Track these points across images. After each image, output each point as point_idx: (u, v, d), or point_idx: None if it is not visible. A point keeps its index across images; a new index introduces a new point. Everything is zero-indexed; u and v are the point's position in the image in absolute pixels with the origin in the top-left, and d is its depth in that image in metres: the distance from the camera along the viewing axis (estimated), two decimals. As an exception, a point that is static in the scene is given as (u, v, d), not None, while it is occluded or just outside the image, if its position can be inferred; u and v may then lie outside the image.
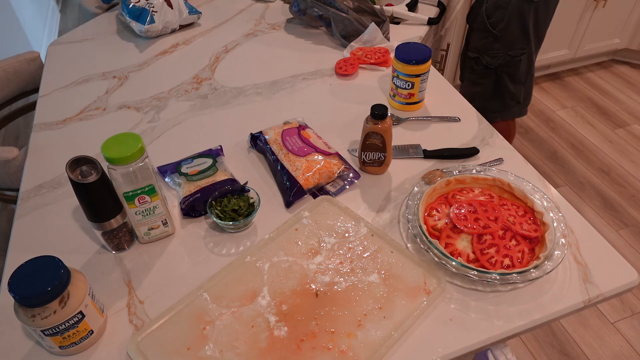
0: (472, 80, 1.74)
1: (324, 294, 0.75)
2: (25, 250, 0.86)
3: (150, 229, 0.83)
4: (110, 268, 0.82)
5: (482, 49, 1.63)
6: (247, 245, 0.85)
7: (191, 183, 0.92)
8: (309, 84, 1.24)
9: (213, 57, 1.36)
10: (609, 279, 0.77)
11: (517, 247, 0.79)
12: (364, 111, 0.95)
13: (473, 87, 1.74)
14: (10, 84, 1.49)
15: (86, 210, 0.78)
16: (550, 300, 0.75)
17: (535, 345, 1.64)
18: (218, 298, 0.75)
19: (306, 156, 0.94)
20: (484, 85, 1.70)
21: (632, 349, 1.62)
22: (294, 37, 1.44)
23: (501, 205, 0.86)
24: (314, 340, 0.70)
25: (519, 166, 0.98)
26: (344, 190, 0.94)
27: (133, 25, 1.43)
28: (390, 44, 1.34)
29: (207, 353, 0.68)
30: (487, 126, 1.08)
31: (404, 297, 0.74)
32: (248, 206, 0.87)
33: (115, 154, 0.72)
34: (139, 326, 0.74)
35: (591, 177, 2.22)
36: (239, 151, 1.04)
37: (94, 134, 1.11)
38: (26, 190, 0.97)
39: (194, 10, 1.50)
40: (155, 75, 1.30)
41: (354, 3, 1.38)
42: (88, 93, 1.25)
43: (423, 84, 1.09)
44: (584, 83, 2.83)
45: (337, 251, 0.82)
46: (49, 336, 0.66)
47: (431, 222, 0.84)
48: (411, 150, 1.02)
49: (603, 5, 2.48)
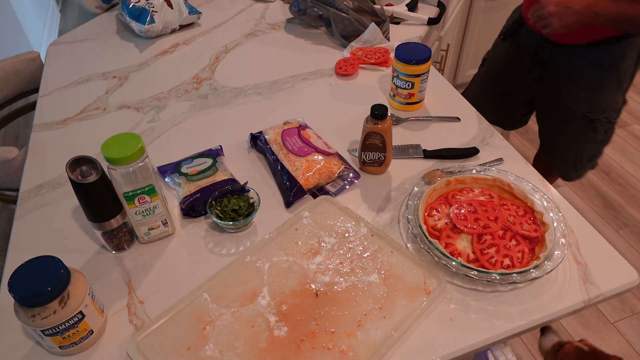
0: (593, 140, 1.40)
1: (324, 294, 0.75)
2: (25, 250, 0.86)
3: (150, 229, 0.83)
4: (110, 268, 0.82)
5: (609, 105, 1.31)
6: (247, 245, 0.85)
7: (191, 183, 0.92)
8: (309, 84, 1.24)
9: (213, 57, 1.36)
10: (609, 279, 0.77)
11: (517, 247, 0.79)
12: (364, 111, 0.95)
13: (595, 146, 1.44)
14: (10, 84, 1.49)
15: (86, 210, 0.78)
16: (550, 300, 0.75)
17: (535, 345, 1.64)
18: (218, 298, 0.75)
19: (306, 156, 0.94)
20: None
21: (632, 349, 1.62)
22: (294, 37, 1.44)
23: (501, 205, 0.86)
24: (314, 340, 0.70)
25: (519, 166, 0.98)
26: (344, 190, 0.94)
27: (133, 25, 1.43)
28: (390, 44, 1.34)
29: (207, 353, 0.68)
30: (487, 126, 1.08)
31: (404, 297, 0.74)
32: (248, 206, 0.87)
33: (115, 154, 0.72)
34: (139, 326, 0.74)
35: (591, 177, 2.22)
36: (239, 151, 1.04)
37: (94, 134, 1.11)
38: (26, 190, 0.97)
39: (194, 10, 1.50)
40: (155, 75, 1.30)
41: (354, 3, 1.38)
42: (88, 93, 1.25)
43: (423, 84, 1.10)
44: (584, 83, 2.82)
45: (337, 251, 0.82)
46: (49, 336, 0.66)
47: (431, 222, 0.84)
48: (411, 150, 1.02)
49: (603, 5, 2.48)
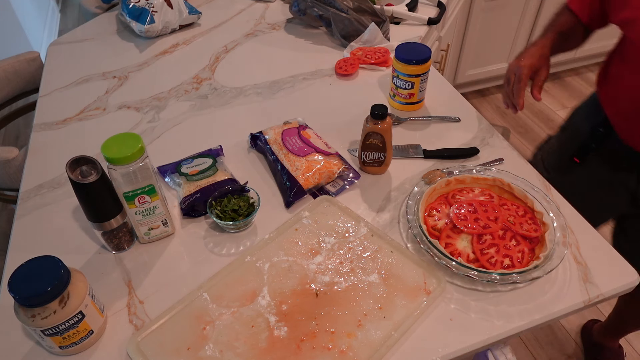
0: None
1: (324, 294, 0.75)
2: (25, 250, 0.86)
3: (150, 229, 0.83)
4: (110, 268, 0.82)
5: None
6: (247, 245, 0.85)
7: (191, 183, 0.92)
8: (309, 84, 1.24)
9: (213, 57, 1.36)
10: (609, 279, 0.77)
11: (517, 247, 0.79)
12: (364, 111, 0.95)
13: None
14: (10, 84, 1.49)
15: (86, 210, 0.78)
16: (550, 300, 0.75)
17: (535, 345, 1.64)
18: (218, 298, 0.75)
19: (306, 156, 0.94)
20: None
21: (632, 349, 1.62)
22: (294, 37, 1.44)
23: (501, 205, 0.86)
24: (314, 340, 0.70)
25: (519, 166, 0.98)
26: (344, 190, 0.94)
27: (133, 25, 1.43)
28: (390, 44, 1.34)
29: (207, 353, 0.68)
30: (487, 126, 1.08)
31: (404, 297, 0.74)
32: (248, 206, 0.87)
33: (115, 154, 0.72)
34: (139, 326, 0.74)
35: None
36: (239, 151, 1.04)
37: (94, 134, 1.11)
38: (26, 190, 0.97)
39: (194, 10, 1.50)
40: (155, 75, 1.30)
41: (354, 3, 1.38)
42: (88, 93, 1.25)
43: (423, 84, 1.10)
44: (584, 83, 2.83)
45: (337, 251, 0.82)
46: (49, 336, 0.66)
47: (431, 222, 0.84)
48: (411, 150, 1.02)
49: (603, 5, 2.48)
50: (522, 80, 0.94)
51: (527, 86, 0.95)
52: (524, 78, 0.94)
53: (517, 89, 0.95)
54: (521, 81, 0.94)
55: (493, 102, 2.71)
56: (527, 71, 0.94)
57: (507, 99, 0.99)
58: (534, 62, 0.96)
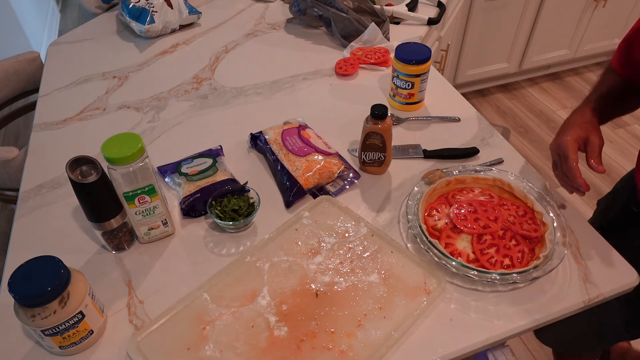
0: None
1: (324, 294, 0.75)
2: (25, 250, 0.86)
3: (150, 229, 0.83)
4: (110, 268, 0.82)
5: None
6: (247, 245, 0.85)
7: (191, 183, 0.92)
8: (309, 84, 1.24)
9: (213, 57, 1.36)
10: (609, 279, 0.77)
11: (517, 247, 0.79)
12: (364, 111, 0.95)
13: None
14: (10, 84, 1.49)
15: (86, 210, 0.78)
16: (550, 300, 0.75)
17: (535, 345, 1.64)
18: (218, 298, 0.75)
19: (306, 156, 0.94)
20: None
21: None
22: (294, 37, 1.44)
23: (501, 205, 0.86)
24: (314, 340, 0.70)
25: (519, 166, 0.98)
26: (344, 190, 0.94)
27: (133, 25, 1.43)
28: (390, 44, 1.34)
29: (207, 353, 0.68)
30: (487, 126, 1.08)
31: (404, 297, 0.74)
32: (248, 206, 0.87)
33: (115, 154, 0.72)
34: (139, 326, 0.74)
35: (591, 177, 2.22)
36: (239, 151, 1.04)
37: (94, 134, 1.11)
38: (26, 190, 0.97)
39: (194, 10, 1.50)
40: (155, 75, 1.30)
41: (354, 3, 1.38)
42: (88, 93, 1.25)
43: (423, 84, 1.10)
44: (584, 83, 2.82)
45: (337, 251, 0.82)
46: (49, 336, 0.66)
47: (431, 222, 0.84)
48: (411, 150, 1.02)
49: (603, 5, 2.48)
50: (569, 157, 0.81)
51: (578, 162, 0.81)
52: (570, 154, 0.81)
53: (568, 169, 0.81)
54: (568, 159, 0.81)
55: (493, 102, 2.71)
56: (572, 146, 0.82)
57: (565, 183, 0.85)
58: (576, 133, 0.83)
